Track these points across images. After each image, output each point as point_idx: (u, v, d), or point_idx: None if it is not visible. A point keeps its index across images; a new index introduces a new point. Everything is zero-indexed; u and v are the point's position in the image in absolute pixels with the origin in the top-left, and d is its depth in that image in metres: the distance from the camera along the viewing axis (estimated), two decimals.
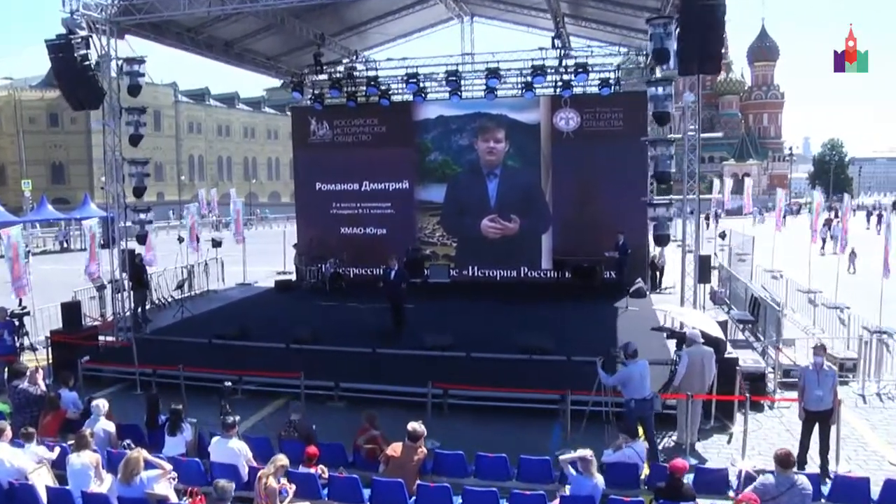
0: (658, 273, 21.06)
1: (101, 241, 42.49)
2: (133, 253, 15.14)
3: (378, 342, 13.89)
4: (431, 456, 7.50)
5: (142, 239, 14.74)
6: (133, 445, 7.80)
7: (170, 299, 18.81)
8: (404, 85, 19.94)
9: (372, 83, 19.74)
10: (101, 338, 14.46)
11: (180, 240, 20.35)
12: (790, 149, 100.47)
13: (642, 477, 7.58)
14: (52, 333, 13.43)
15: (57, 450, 7.63)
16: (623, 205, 20.01)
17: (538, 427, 10.43)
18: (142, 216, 14.39)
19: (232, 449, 7.09)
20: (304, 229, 22.79)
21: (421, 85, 19.69)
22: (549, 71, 18.95)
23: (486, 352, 13.13)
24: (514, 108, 20.81)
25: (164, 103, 77.55)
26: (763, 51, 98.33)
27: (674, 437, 10.05)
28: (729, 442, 10.22)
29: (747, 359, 12.00)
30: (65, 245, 41.51)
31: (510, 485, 7.63)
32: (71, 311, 13.65)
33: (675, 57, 11.05)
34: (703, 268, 12.41)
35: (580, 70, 18.35)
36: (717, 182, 52.32)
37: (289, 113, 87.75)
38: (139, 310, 15.87)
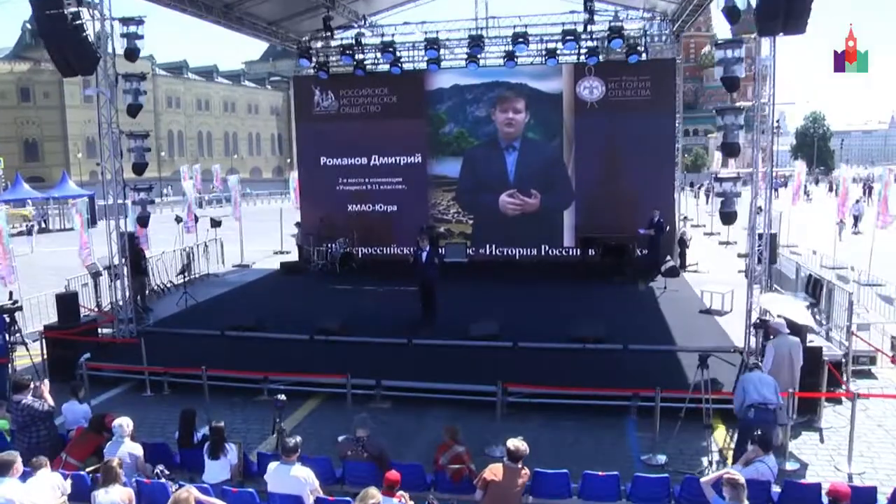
0: (685, 250, 20.02)
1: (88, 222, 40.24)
2: (132, 236, 13.64)
3: (412, 331, 12.63)
4: (530, 476, 6.32)
5: (143, 221, 13.22)
6: (167, 471, 6.54)
7: (169, 285, 17.36)
8: (422, 52, 18.48)
9: (389, 49, 18.20)
10: (99, 331, 13.02)
11: (178, 220, 18.80)
12: (777, 121, 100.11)
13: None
14: (45, 329, 11.96)
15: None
16: (650, 179, 19.02)
17: (609, 426, 9.35)
18: (142, 195, 12.89)
19: (296, 477, 5.84)
20: (307, 206, 21.29)
21: (441, 51, 18.21)
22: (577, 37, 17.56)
23: (532, 340, 11.99)
24: (535, 77, 19.45)
25: None
26: (748, 24, 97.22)
27: None
28: (822, 441, 9.19)
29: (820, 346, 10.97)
30: (43, 226, 39.43)
31: None
32: (67, 303, 12.15)
33: (754, 15, 9.76)
34: (773, 247, 11.31)
35: (614, 35, 16.98)
36: (718, 155, 51.37)
37: (269, 87, 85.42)
38: (138, 299, 14.40)
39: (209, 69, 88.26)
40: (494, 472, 5.93)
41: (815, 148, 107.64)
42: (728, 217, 11.25)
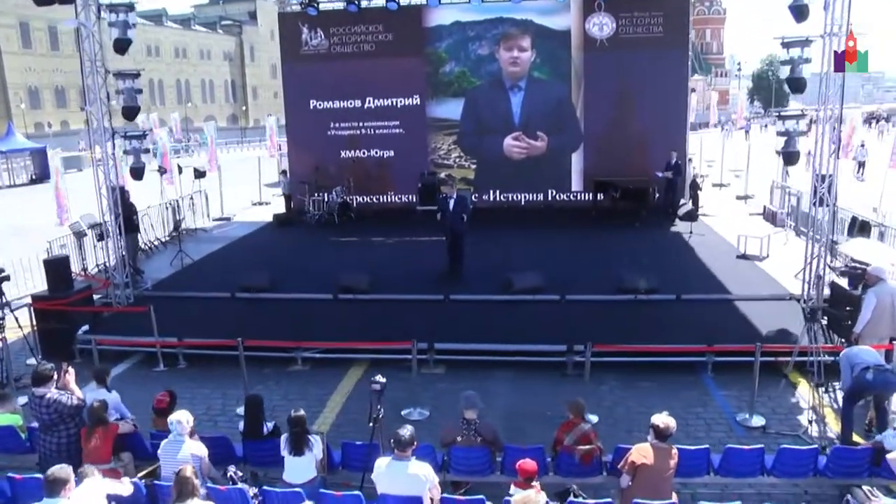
0: (697, 193, 19.32)
1: (34, 175, 37.16)
2: (123, 190, 12.12)
3: (443, 286, 11.62)
4: None
5: (138, 173, 11.74)
6: (240, 473, 5.50)
7: (156, 243, 15.91)
8: None
9: None
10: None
11: (161, 171, 17.16)
12: (738, 64, 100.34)
13: None
14: (34, 299, 10.52)
15: (124, 483, 5.26)
16: (662, 120, 18.19)
17: (689, 385, 8.67)
18: (135, 144, 11.39)
19: (415, 476, 4.87)
20: (296, 154, 19.85)
21: None
22: None
23: (574, 292, 11.12)
24: (542, 13, 18.21)
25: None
26: None
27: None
28: None
29: None
30: None
31: (761, 481, 5.84)
32: (57, 269, 10.68)
33: None
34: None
35: None
36: (694, 97, 50.84)
37: (220, 31, 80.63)
38: (131, 260, 12.96)
39: (158, 13, 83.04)
40: (643, 453, 5.08)
41: (773, 91, 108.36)
42: (790, 157, 10.42)
